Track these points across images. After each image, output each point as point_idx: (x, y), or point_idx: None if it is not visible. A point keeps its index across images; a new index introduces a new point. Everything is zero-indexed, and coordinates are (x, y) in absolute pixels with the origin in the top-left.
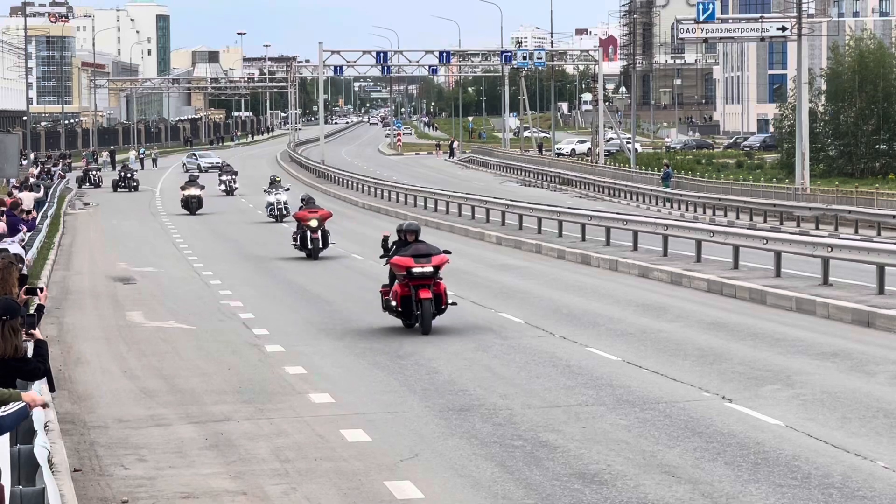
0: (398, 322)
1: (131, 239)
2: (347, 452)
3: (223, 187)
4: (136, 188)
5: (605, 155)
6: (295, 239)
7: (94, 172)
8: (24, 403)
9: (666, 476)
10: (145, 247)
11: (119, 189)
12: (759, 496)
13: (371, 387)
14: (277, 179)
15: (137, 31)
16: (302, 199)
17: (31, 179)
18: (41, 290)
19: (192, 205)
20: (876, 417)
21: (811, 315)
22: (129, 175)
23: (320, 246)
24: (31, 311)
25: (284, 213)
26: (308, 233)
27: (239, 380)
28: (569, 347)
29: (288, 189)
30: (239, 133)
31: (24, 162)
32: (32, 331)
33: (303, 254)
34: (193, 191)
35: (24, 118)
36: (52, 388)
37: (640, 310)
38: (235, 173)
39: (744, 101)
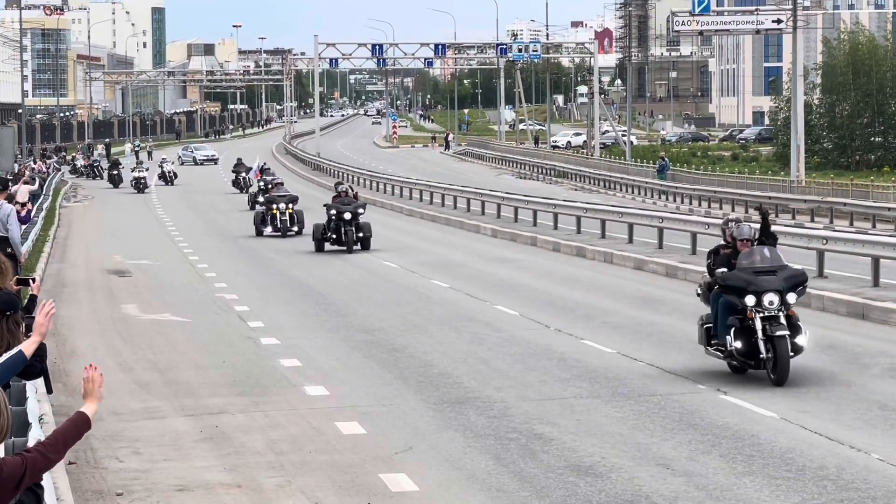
0: (393, 317)
1: (127, 231)
2: (342, 445)
3: None
4: (366, 243)
5: (601, 147)
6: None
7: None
8: (19, 350)
9: (660, 468)
10: (141, 239)
11: (328, 244)
12: (754, 488)
13: (366, 379)
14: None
15: (133, 24)
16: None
17: (28, 172)
18: (33, 280)
19: None
20: (870, 410)
21: (806, 307)
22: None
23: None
24: (25, 303)
25: None
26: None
27: (234, 372)
28: (564, 340)
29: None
30: (231, 127)
31: (19, 156)
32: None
33: (299, 247)
34: None
35: (20, 111)
36: (49, 390)
37: (636, 302)
38: None
39: (739, 94)
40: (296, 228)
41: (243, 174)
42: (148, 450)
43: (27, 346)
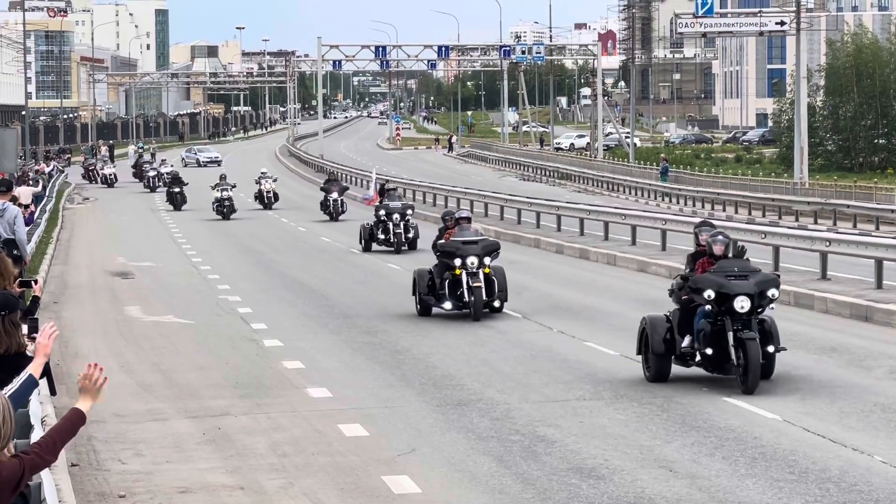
0: (396, 319)
1: (130, 234)
2: (345, 447)
3: None
4: None
5: (604, 149)
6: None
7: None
8: (28, 374)
9: (663, 471)
10: (144, 241)
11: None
12: (757, 491)
13: (369, 381)
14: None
15: (136, 26)
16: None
17: (31, 174)
18: (35, 281)
19: None
20: (873, 412)
21: (809, 309)
22: None
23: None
24: (29, 305)
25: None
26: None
27: (237, 374)
28: (567, 342)
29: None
30: (234, 129)
31: (22, 158)
32: (34, 334)
33: (298, 249)
34: None
35: (23, 113)
36: (52, 392)
37: (639, 304)
38: None
39: (742, 96)
40: (408, 244)
41: (335, 195)
42: (150, 451)
43: (34, 369)
